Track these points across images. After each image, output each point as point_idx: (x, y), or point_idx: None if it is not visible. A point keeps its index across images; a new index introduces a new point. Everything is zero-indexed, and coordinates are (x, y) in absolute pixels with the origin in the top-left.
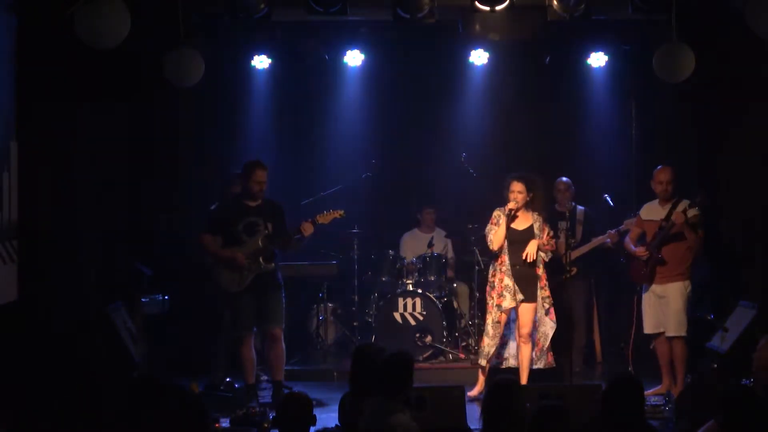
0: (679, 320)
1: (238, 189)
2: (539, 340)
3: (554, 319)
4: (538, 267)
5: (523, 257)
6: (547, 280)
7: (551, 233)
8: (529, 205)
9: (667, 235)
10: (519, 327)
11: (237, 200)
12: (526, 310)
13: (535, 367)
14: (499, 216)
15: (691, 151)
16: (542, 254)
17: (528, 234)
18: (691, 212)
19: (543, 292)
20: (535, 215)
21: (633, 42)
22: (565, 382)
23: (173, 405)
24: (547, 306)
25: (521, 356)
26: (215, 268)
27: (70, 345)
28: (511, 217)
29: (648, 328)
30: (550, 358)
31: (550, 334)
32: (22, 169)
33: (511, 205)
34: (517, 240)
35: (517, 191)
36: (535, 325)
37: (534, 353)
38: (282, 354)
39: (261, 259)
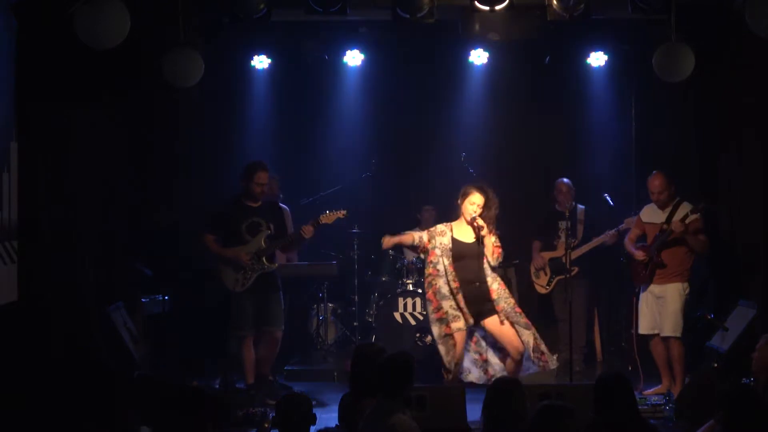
0: (676, 321)
1: None
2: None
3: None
4: (490, 279)
5: (478, 226)
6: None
7: (498, 243)
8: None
9: (666, 240)
10: (505, 345)
11: (238, 201)
12: (498, 326)
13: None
14: (443, 231)
15: (691, 151)
16: (490, 259)
17: (476, 247)
18: (692, 219)
19: (508, 301)
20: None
21: (633, 42)
22: (565, 382)
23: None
24: (511, 310)
25: (511, 373)
26: (219, 267)
27: (71, 345)
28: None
29: (643, 329)
30: (545, 359)
31: (531, 339)
32: (22, 169)
33: (478, 222)
34: (466, 254)
35: (478, 205)
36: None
37: (532, 361)
38: (275, 353)
39: (264, 259)
